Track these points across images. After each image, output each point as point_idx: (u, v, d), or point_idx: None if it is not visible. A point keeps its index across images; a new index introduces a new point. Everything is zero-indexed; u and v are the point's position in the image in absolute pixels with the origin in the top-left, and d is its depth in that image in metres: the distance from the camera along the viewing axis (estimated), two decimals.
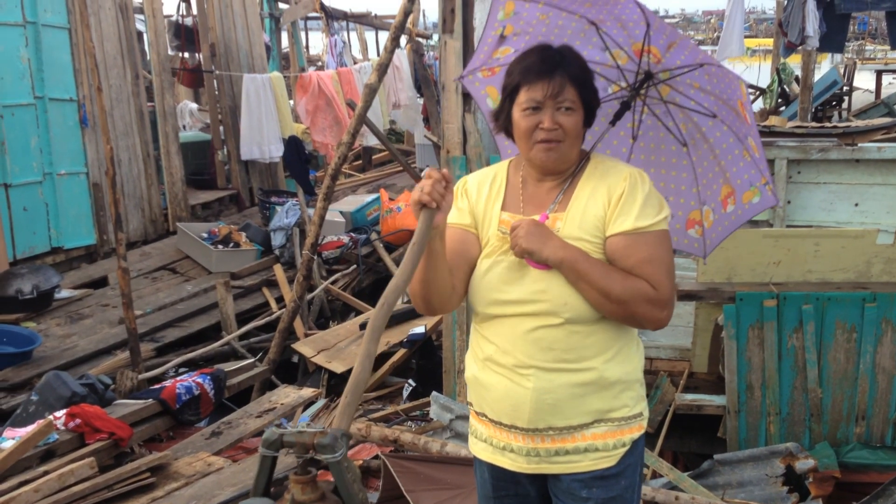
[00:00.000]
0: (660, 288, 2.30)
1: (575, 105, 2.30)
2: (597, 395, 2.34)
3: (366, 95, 6.29)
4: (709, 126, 2.67)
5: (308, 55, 19.00)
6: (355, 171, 14.02)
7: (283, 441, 2.07)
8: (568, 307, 2.30)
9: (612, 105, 2.72)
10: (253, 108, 10.66)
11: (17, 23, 7.99)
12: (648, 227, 2.31)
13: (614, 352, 2.36)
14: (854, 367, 4.53)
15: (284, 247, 8.82)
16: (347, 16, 14.33)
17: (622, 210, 2.31)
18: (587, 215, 2.35)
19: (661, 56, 2.59)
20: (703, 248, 2.84)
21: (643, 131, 2.80)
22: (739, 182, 2.69)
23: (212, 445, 4.90)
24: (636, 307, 2.28)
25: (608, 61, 2.71)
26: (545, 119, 2.29)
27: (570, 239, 2.32)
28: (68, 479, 4.25)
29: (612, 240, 2.32)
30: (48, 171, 8.32)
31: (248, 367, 6.33)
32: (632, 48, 2.64)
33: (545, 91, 2.28)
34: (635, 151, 2.83)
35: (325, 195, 6.48)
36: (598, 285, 2.26)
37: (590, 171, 2.41)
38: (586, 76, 2.35)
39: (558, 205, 2.39)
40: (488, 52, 2.75)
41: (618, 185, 2.34)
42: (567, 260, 2.28)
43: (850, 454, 4.52)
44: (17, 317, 7.04)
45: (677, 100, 2.69)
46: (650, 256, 2.30)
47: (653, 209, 2.33)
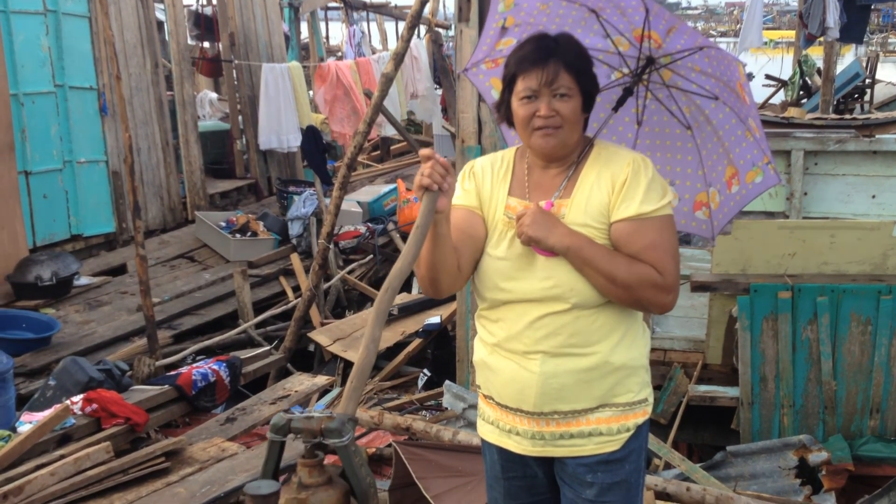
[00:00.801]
0: (665, 273, 2.33)
1: (571, 91, 2.32)
2: (602, 380, 2.38)
3: (382, 84, 6.30)
4: (711, 108, 2.70)
5: (328, 46, 19.04)
6: (374, 161, 14.04)
7: (290, 426, 2.09)
8: (574, 292, 2.33)
9: (616, 92, 2.75)
10: (271, 98, 10.68)
11: (37, 11, 8.05)
12: (652, 213, 2.34)
13: (619, 336, 2.40)
14: (869, 360, 4.50)
15: (302, 236, 8.85)
16: (367, 6, 14.34)
17: (626, 196, 2.34)
18: (591, 201, 2.37)
19: (662, 41, 2.61)
20: (710, 229, 2.87)
21: (647, 116, 2.82)
22: (742, 162, 2.71)
23: (226, 431, 4.94)
24: (642, 292, 2.32)
25: (610, 48, 2.74)
26: (542, 107, 2.32)
27: (575, 225, 2.35)
28: (84, 462, 4.30)
29: (616, 225, 2.35)
30: (68, 159, 8.39)
31: (263, 355, 6.38)
32: (632, 34, 2.66)
33: (540, 79, 2.31)
34: (641, 137, 2.86)
35: (342, 184, 6.51)
36: (604, 270, 2.30)
37: (594, 158, 2.43)
38: (582, 62, 2.37)
39: (563, 191, 2.42)
40: (491, 43, 2.78)
41: (621, 170, 2.37)
42: (573, 247, 2.30)
43: (863, 447, 4.50)
44: (36, 303, 7.11)
45: (679, 83, 2.72)
46: (654, 242, 2.33)
47: (656, 194, 2.36)
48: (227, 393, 5.70)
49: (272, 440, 2.10)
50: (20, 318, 6.68)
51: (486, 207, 2.49)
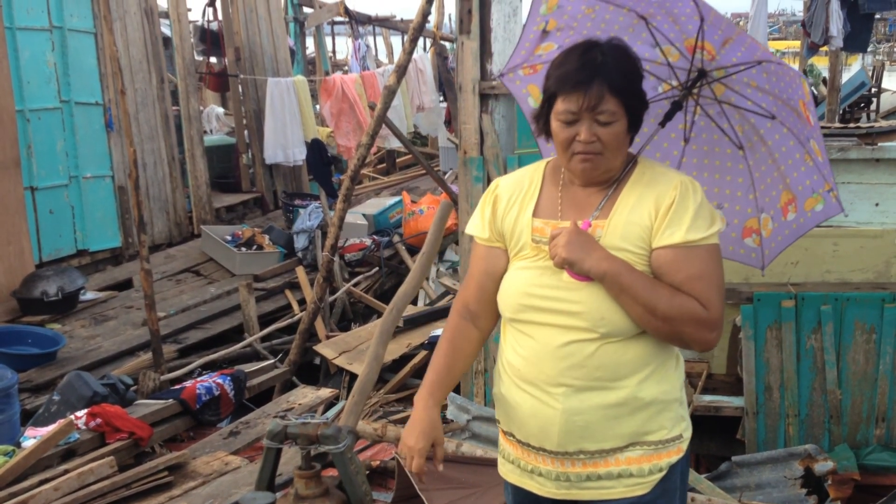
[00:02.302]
0: (710, 307, 2.16)
1: (615, 116, 2.14)
2: (631, 417, 2.20)
3: (385, 97, 6.32)
4: (767, 128, 2.51)
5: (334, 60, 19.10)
6: (379, 174, 14.06)
7: (287, 433, 2.09)
8: (605, 322, 2.16)
9: (662, 105, 2.57)
10: (277, 112, 10.72)
11: (43, 27, 8.10)
12: (700, 241, 2.16)
13: (651, 370, 2.21)
14: (874, 369, 4.48)
15: (307, 249, 8.86)
16: (372, 19, 14.38)
17: (671, 221, 2.16)
18: (631, 224, 2.20)
19: (716, 53, 2.43)
20: (760, 258, 2.67)
21: (696, 133, 2.64)
22: (801, 188, 2.52)
23: (229, 445, 4.93)
24: (683, 326, 2.15)
25: (658, 58, 2.56)
26: (582, 131, 2.14)
27: (611, 249, 2.17)
28: (88, 477, 4.30)
29: (659, 252, 2.17)
30: (74, 175, 8.42)
31: (268, 368, 6.38)
32: (684, 44, 2.49)
33: (581, 103, 2.12)
34: (687, 154, 2.68)
35: (345, 197, 6.51)
36: (643, 300, 2.12)
37: (636, 178, 2.26)
38: (630, 82, 2.17)
39: (600, 211, 2.23)
40: (530, 48, 2.62)
41: (667, 193, 2.19)
42: (610, 272, 2.13)
43: (869, 456, 4.48)
44: (42, 318, 7.12)
45: (732, 99, 2.53)
46: (700, 272, 2.16)
47: (704, 221, 2.18)
48: (232, 407, 5.70)
49: (268, 447, 2.10)
50: (26, 333, 6.69)
51: (508, 235, 2.33)
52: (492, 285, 2.34)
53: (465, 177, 5.02)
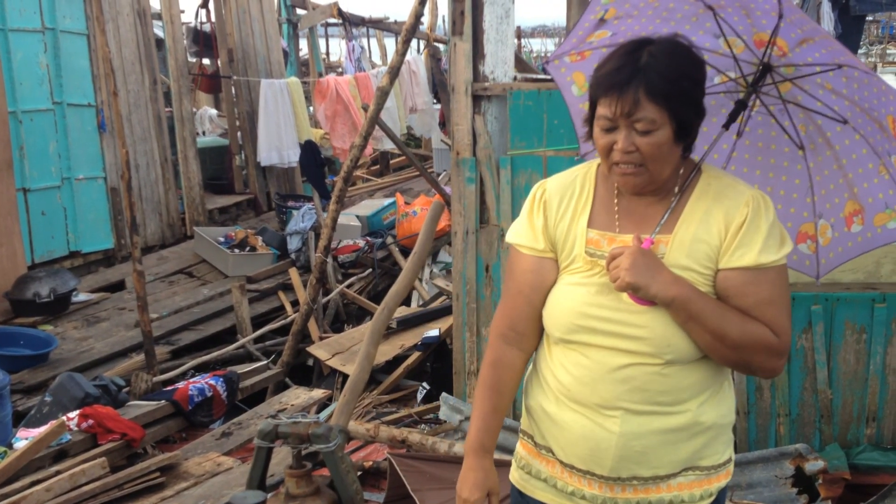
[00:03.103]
0: (781, 334, 2.03)
1: (655, 124, 1.95)
2: (690, 442, 2.08)
3: (377, 98, 6.33)
4: (836, 132, 2.36)
5: (328, 61, 19.10)
6: (373, 175, 14.07)
7: (278, 432, 2.09)
8: (671, 349, 2.02)
9: (719, 99, 2.44)
10: (270, 113, 10.72)
11: (35, 29, 8.09)
12: (772, 263, 2.01)
13: (711, 393, 2.10)
14: (864, 368, 4.50)
15: (300, 250, 8.87)
16: (366, 21, 14.39)
17: (743, 241, 2.01)
18: (698, 242, 2.04)
19: (788, 50, 2.27)
20: (815, 266, 2.50)
21: (751, 128, 2.48)
22: (871, 200, 2.35)
23: (222, 446, 4.94)
24: (753, 355, 2.02)
25: (720, 48, 2.38)
26: (619, 140, 1.97)
27: (675, 267, 2.02)
28: (80, 478, 4.31)
29: (727, 274, 2.03)
30: (66, 176, 8.41)
31: (261, 370, 6.38)
32: (752, 38, 2.31)
33: (614, 109, 1.96)
34: (738, 149, 2.52)
35: (338, 198, 6.52)
36: (713, 328, 1.98)
37: (702, 189, 2.09)
38: (675, 86, 1.96)
39: (663, 225, 2.07)
40: (582, 35, 2.43)
41: (738, 209, 2.04)
42: (679, 298, 1.97)
43: (860, 456, 4.49)
44: (34, 320, 7.12)
45: (799, 98, 2.36)
46: (772, 297, 2.02)
47: (776, 242, 2.03)
48: (224, 408, 5.70)
49: (259, 446, 2.10)
50: (18, 334, 6.68)
51: (559, 245, 2.16)
52: (541, 301, 2.16)
53: (457, 178, 5.03)
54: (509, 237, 2.23)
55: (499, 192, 4.89)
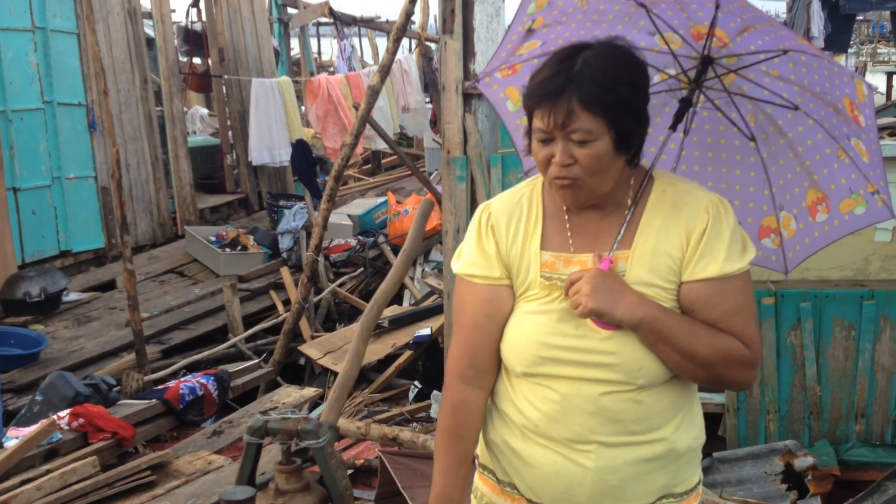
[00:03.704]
0: (751, 344, 1.92)
1: (592, 134, 1.82)
2: (665, 470, 1.97)
3: (369, 97, 6.33)
4: (787, 119, 2.26)
5: (319, 61, 19.08)
6: (365, 175, 14.06)
7: (267, 428, 2.10)
8: (643, 373, 1.90)
9: (662, 98, 2.34)
10: (261, 113, 10.71)
11: (25, 28, 8.07)
12: (737, 271, 1.90)
13: (683, 415, 1.99)
14: (853, 365, 4.52)
15: (292, 250, 8.86)
16: (357, 20, 14.38)
17: (705, 251, 1.89)
18: (659, 255, 1.92)
19: (729, 40, 2.18)
20: (782, 261, 2.40)
21: (698, 124, 2.37)
22: (834, 187, 2.27)
23: (213, 444, 4.94)
24: (725, 370, 1.91)
25: (656, 46, 2.28)
26: (556, 152, 1.85)
27: (639, 284, 1.90)
28: (70, 477, 4.30)
29: (691, 287, 1.91)
30: (57, 175, 8.39)
31: (252, 368, 6.38)
32: (690, 31, 2.22)
33: (548, 120, 1.83)
34: (687, 147, 2.41)
35: (329, 197, 6.52)
36: (683, 347, 1.87)
37: (657, 198, 1.97)
38: (612, 93, 1.83)
39: (621, 241, 1.94)
40: (511, 49, 2.33)
41: (697, 217, 1.92)
42: (647, 320, 1.85)
43: (849, 452, 4.52)
44: (24, 319, 7.11)
45: (745, 88, 2.27)
46: (739, 306, 1.91)
47: (739, 247, 1.93)
48: (216, 406, 5.70)
49: (249, 442, 2.11)
50: (8, 334, 6.67)
51: (514, 271, 2.00)
52: (500, 333, 2.01)
53: (448, 176, 5.03)
54: (459, 268, 2.05)
55: (489, 190, 4.90)
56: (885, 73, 18.46)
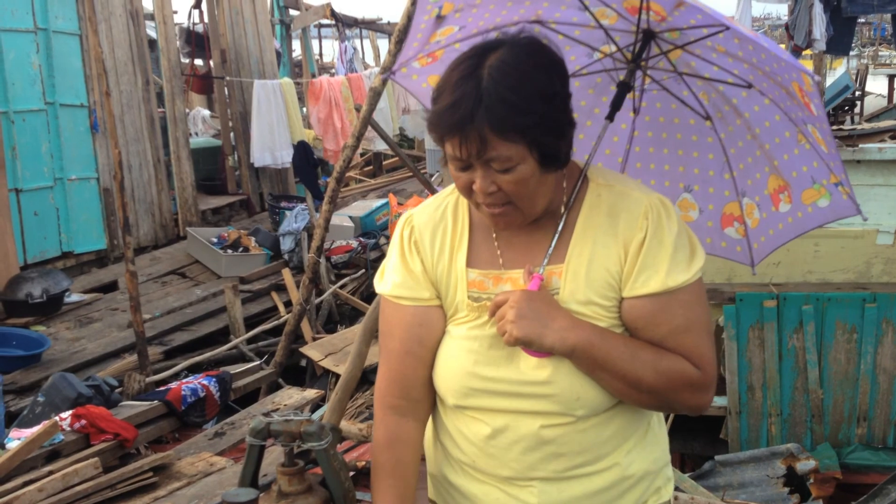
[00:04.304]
0: (702, 364, 1.71)
1: (512, 161, 1.59)
2: (622, 499, 1.78)
3: (370, 99, 6.33)
4: (742, 98, 2.05)
5: (321, 62, 19.10)
6: (366, 176, 14.08)
7: (270, 430, 2.09)
8: (581, 402, 1.70)
9: (605, 79, 2.12)
10: (263, 114, 10.72)
11: (28, 29, 8.08)
12: (683, 284, 1.69)
13: (636, 439, 1.80)
14: (855, 368, 4.52)
15: (293, 251, 8.87)
16: (358, 22, 14.41)
17: (645, 262, 1.68)
18: (595, 268, 1.71)
19: (667, 14, 1.94)
20: (747, 252, 2.23)
21: (647, 102, 2.16)
22: (795, 175, 2.08)
23: (214, 446, 4.94)
24: (674, 395, 1.71)
25: (590, 22, 2.04)
26: (476, 181, 1.63)
27: (574, 303, 1.70)
28: (72, 478, 4.29)
29: (633, 303, 1.70)
30: (59, 177, 8.40)
31: (254, 370, 6.38)
32: (623, 4, 1.98)
33: (460, 151, 1.59)
34: (639, 127, 2.20)
35: (331, 198, 6.52)
36: (624, 374, 1.67)
37: (592, 202, 1.75)
38: (527, 115, 1.57)
39: (552, 255, 1.72)
40: (423, 38, 2.10)
41: (636, 225, 1.70)
42: (580, 346, 1.65)
43: (851, 455, 4.52)
44: (26, 320, 7.10)
45: (693, 64, 2.05)
46: (687, 323, 1.70)
47: (684, 255, 1.70)
48: (217, 408, 5.70)
49: (251, 444, 2.10)
50: (10, 335, 6.67)
51: (441, 290, 1.80)
52: (432, 359, 1.81)
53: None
54: (383, 288, 1.84)
55: None
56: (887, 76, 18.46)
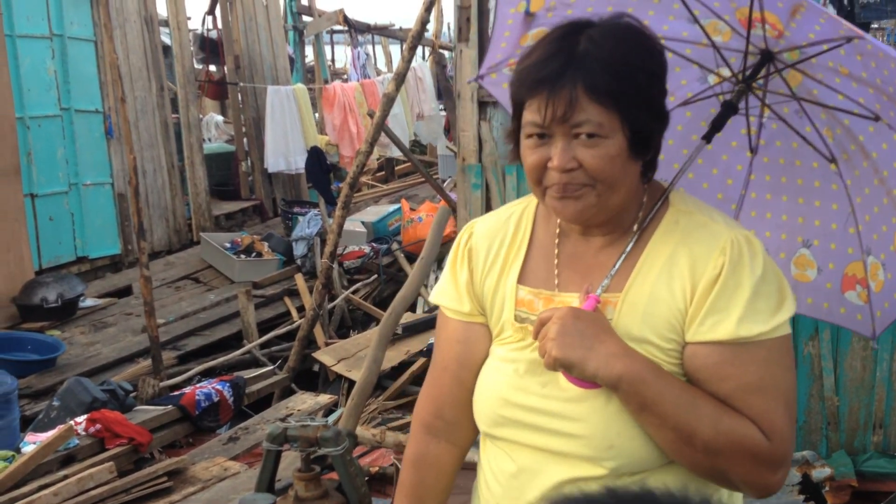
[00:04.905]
0: (774, 435, 1.42)
1: (604, 129, 1.39)
2: None
3: (384, 105, 6.35)
4: (868, 133, 1.73)
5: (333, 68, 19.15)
6: (378, 182, 14.09)
7: (286, 435, 2.11)
8: (615, 452, 1.44)
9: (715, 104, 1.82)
10: (277, 120, 10.76)
11: (43, 35, 8.13)
12: (760, 336, 1.43)
13: None
14: (871, 375, 4.50)
15: (306, 256, 8.89)
16: (371, 28, 14.43)
17: (716, 304, 1.43)
18: (656, 303, 1.46)
19: (784, 27, 1.63)
20: (869, 321, 1.90)
21: (766, 140, 1.88)
22: None
23: (228, 451, 4.95)
24: (732, 463, 1.42)
25: (701, 38, 1.78)
26: (554, 154, 1.41)
27: (629, 338, 1.45)
28: (87, 483, 4.32)
29: (696, 350, 1.44)
30: (74, 182, 8.45)
31: (267, 375, 6.40)
32: (736, 16, 1.70)
33: (545, 112, 1.40)
34: (756, 170, 1.92)
35: (344, 204, 6.53)
36: (675, 421, 1.40)
37: (667, 228, 1.51)
38: (627, 81, 1.40)
39: (614, 278, 1.49)
40: (513, 39, 1.87)
41: (709, 259, 1.45)
42: (628, 377, 1.40)
43: (867, 463, 4.49)
44: (42, 325, 7.14)
45: (815, 92, 1.74)
46: (761, 382, 1.43)
47: (769, 304, 1.44)
48: (231, 413, 5.71)
49: (268, 449, 2.11)
50: (26, 339, 6.71)
51: (487, 306, 1.61)
52: (473, 380, 1.61)
53: (463, 184, 5.04)
54: (433, 295, 1.70)
55: (504, 198, 4.90)
56: None
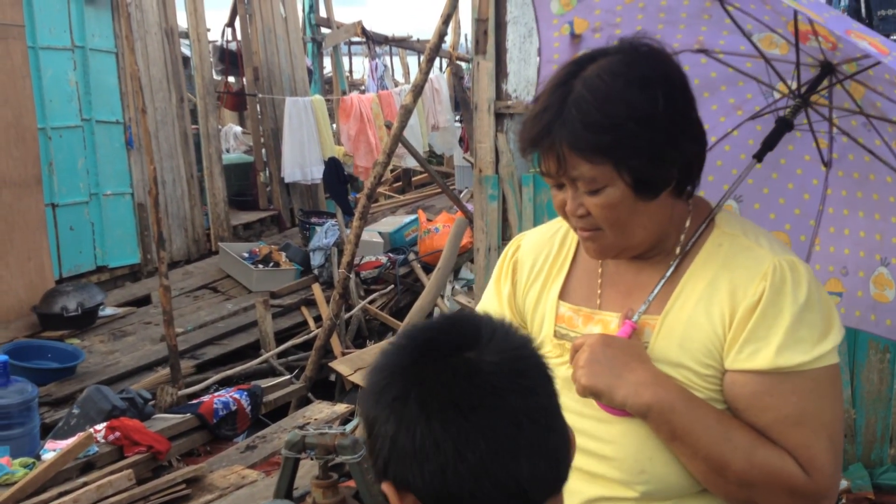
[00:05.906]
0: (814, 470, 1.37)
1: (597, 182, 1.38)
2: None
3: (401, 116, 6.39)
4: None
5: (351, 79, 19.24)
6: (395, 192, 14.14)
7: (305, 443, 2.13)
8: (646, 477, 1.42)
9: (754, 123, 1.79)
10: (295, 131, 10.82)
11: (65, 47, 8.22)
12: (802, 366, 1.37)
13: None
14: (888, 388, 4.49)
15: (323, 266, 8.92)
16: (389, 40, 14.49)
17: (755, 332, 1.38)
18: (695, 328, 1.43)
19: (836, 39, 1.55)
20: None
21: (839, 154, 1.80)
22: None
23: (246, 459, 4.98)
24: (767, 496, 1.38)
25: (754, 52, 1.72)
26: (568, 201, 1.44)
27: (666, 363, 1.43)
28: (106, 490, 4.35)
29: (735, 378, 1.40)
30: (94, 192, 8.53)
31: (284, 384, 6.43)
32: (788, 28, 1.63)
33: (544, 167, 1.44)
34: (833, 185, 1.83)
35: (361, 214, 6.57)
36: (707, 452, 1.37)
37: (710, 250, 1.47)
38: (611, 132, 1.35)
39: (654, 301, 1.47)
40: (561, 60, 1.81)
41: (750, 285, 1.40)
42: (657, 407, 1.37)
43: (883, 476, 4.47)
44: (61, 333, 7.20)
45: (879, 105, 1.65)
46: (801, 414, 1.37)
47: (811, 332, 1.38)
48: (248, 421, 5.75)
49: (286, 457, 2.14)
50: (46, 348, 6.77)
51: (528, 320, 1.61)
52: None
53: (480, 195, 5.08)
54: (481, 304, 1.71)
55: (521, 209, 4.93)
56: None
